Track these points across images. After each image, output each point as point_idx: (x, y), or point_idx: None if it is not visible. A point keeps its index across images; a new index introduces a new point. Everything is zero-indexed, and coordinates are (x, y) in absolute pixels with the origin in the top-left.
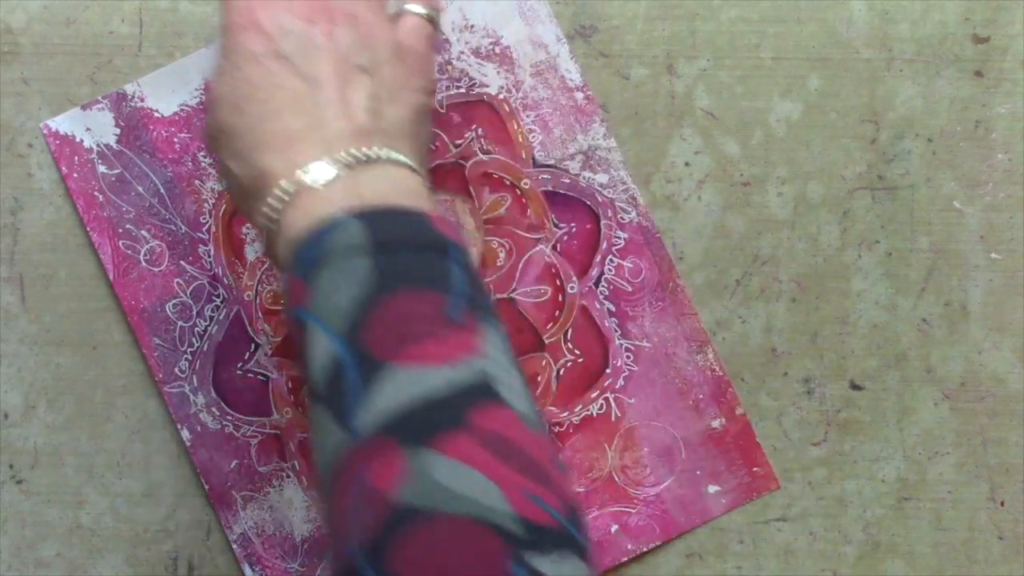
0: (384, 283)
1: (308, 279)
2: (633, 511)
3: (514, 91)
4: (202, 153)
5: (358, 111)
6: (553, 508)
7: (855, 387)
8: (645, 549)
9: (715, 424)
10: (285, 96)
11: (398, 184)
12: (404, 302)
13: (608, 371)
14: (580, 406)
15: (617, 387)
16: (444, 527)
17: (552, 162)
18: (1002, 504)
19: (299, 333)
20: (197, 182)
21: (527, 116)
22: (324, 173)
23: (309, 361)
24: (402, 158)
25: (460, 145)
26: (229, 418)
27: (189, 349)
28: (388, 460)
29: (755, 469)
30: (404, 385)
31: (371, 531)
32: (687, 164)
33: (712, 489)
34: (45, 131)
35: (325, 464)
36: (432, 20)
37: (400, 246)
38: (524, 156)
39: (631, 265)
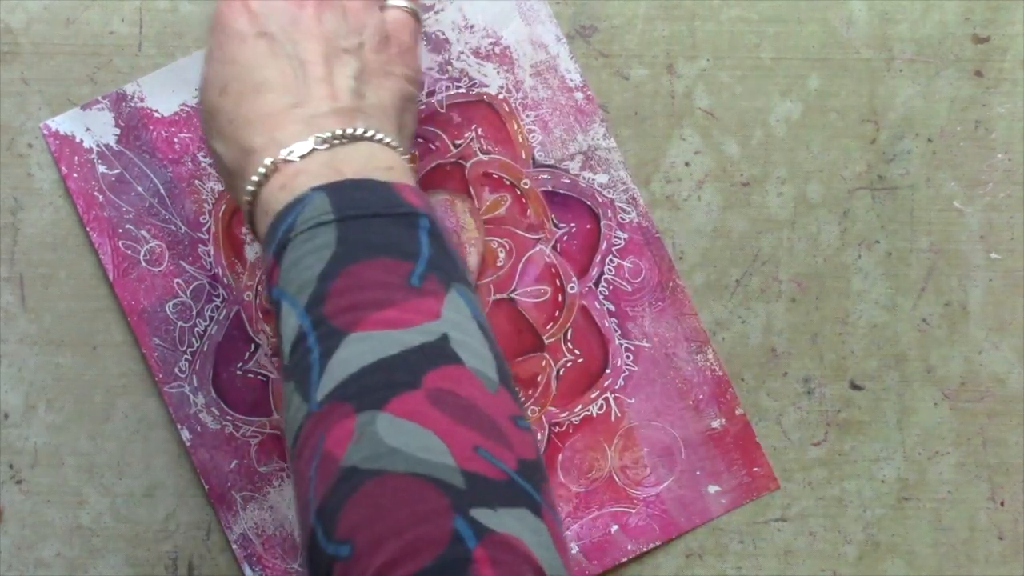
0: (347, 253)
1: (278, 258)
2: (633, 511)
3: (514, 91)
4: (202, 153)
5: (342, 91)
6: (503, 462)
7: (855, 387)
8: (645, 549)
9: (715, 424)
10: (270, 74)
11: (376, 160)
12: (366, 271)
13: (608, 371)
14: (580, 406)
15: (617, 387)
16: (389, 486)
17: (552, 162)
18: (1002, 504)
19: (276, 312)
20: (197, 182)
21: (527, 116)
22: (302, 150)
23: (281, 338)
24: (382, 136)
25: (460, 145)
26: (229, 418)
27: (189, 349)
28: (342, 425)
29: (755, 469)
30: (361, 352)
31: (323, 495)
32: (687, 164)
33: (712, 489)
34: (45, 131)
35: (291, 436)
36: (415, 15)
37: (365, 216)
38: (524, 156)
39: (631, 265)
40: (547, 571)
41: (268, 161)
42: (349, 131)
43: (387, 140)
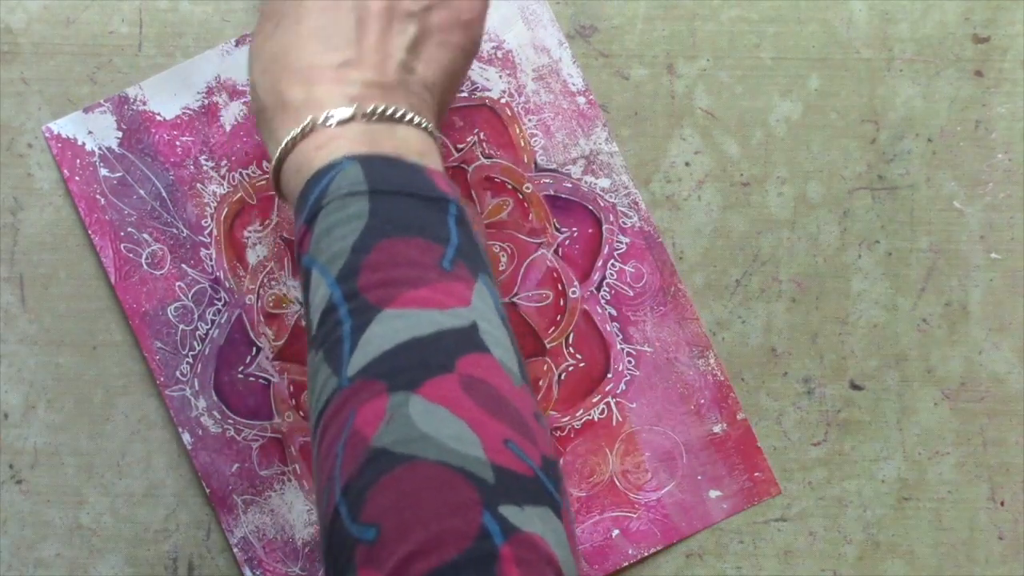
0: (380, 227)
1: (310, 225)
2: (634, 516)
3: (516, 95)
4: (204, 156)
5: (392, 63)
6: (530, 458)
7: (855, 387)
8: (646, 554)
9: (716, 429)
10: (327, 23)
11: (410, 143)
12: (400, 247)
13: (609, 376)
14: (581, 410)
15: (618, 392)
16: (420, 473)
17: (554, 166)
18: (1002, 504)
19: (305, 281)
20: (199, 185)
21: (529, 120)
22: (342, 116)
23: (309, 307)
24: (421, 120)
25: (462, 149)
26: (230, 422)
27: (190, 352)
28: (373, 404)
29: (756, 474)
30: (395, 329)
31: (350, 475)
32: (687, 164)
33: (713, 494)
34: (47, 134)
35: (317, 409)
36: None
37: (398, 193)
38: (526, 160)
39: (633, 270)
40: (564, 571)
41: (308, 119)
42: (391, 111)
43: (425, 125)
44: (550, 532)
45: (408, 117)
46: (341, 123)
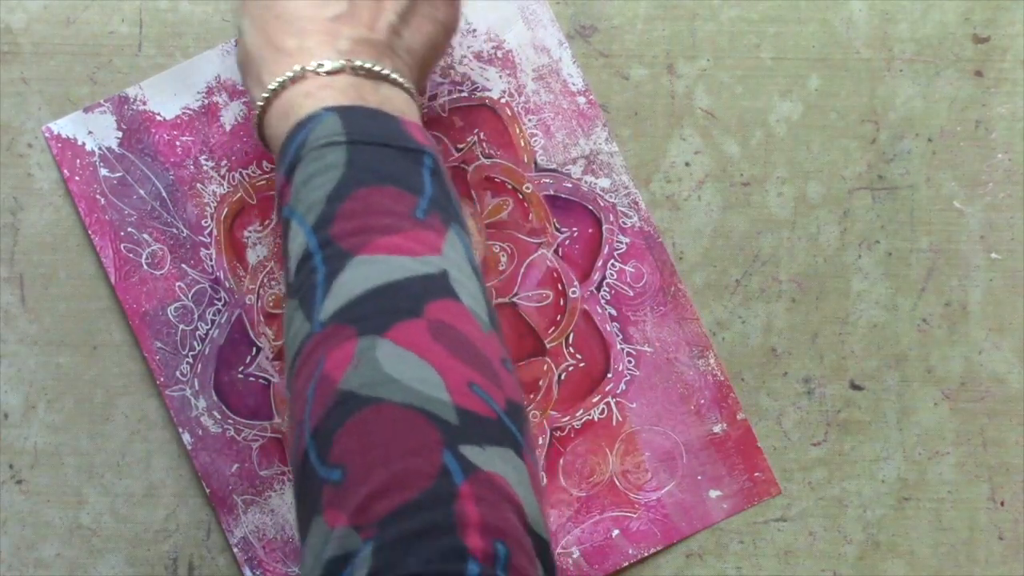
0: (356, 176)
1: (289, 176)
2: (634, 516)
3: (516, 95)
4: (204, 156)
5: (383, 23)
6: (494, 401)
7: (855, 387)
8: (646, 554)
9: (716, 429)
10: None
11: (392, 102)
12: (374, 196)
13: (610, 376)
14: (581, 410)
15: (619, 392)
16: (384, 415)
17: (554, 166)
18: (1002, 504)
19: (284, 231)
20: (199, 185)
21: (529, 120)
22: (331, 68)
23: (288, 257)
24: (404, 82)
25: (462, 149)
26: (230, 422)
27: (190, 353)
28: (343, 348)
29: (756, 474)
30: (366, 275)
31: (319, 417)
32: (687, 164)
33: (713, 494)
34: (47, 134)
35: (291, 355)
36: None
37: (374, 144)
38: (526, 160)
39: (633, 270)
40: (526, 510)
41: (298, 67)
42: (378, 68)
43: (407, 86)
44: (511, 471)
45: (393, 77)
46: (330, 73)
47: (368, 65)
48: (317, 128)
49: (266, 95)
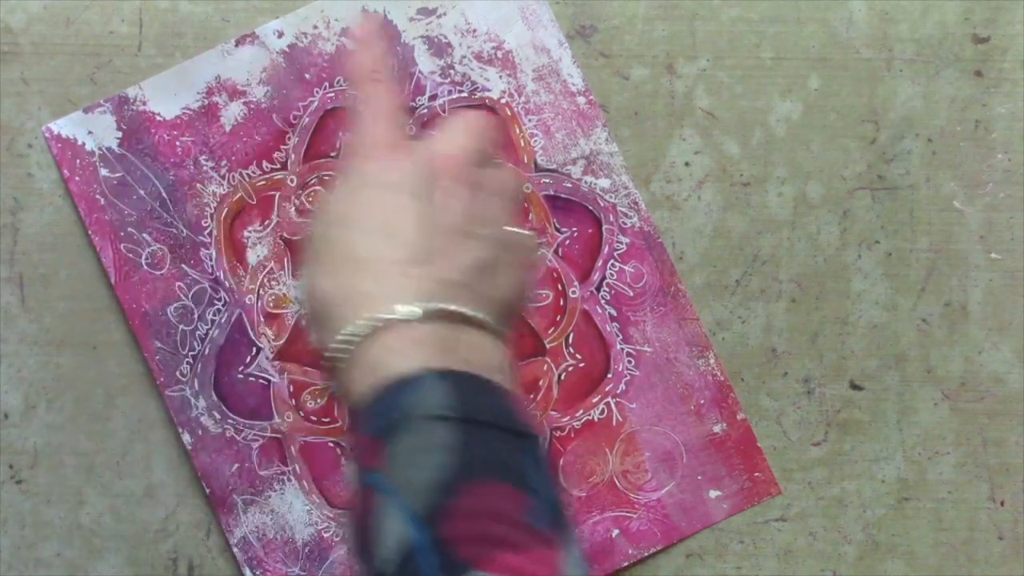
0: (469, 467)
1: (385, 440)
2: (634, 516)
3: (516, 95)
4: (204, 156)
5: (465, 268)
6: None
7: (855, 387)
8: (646, 554)
9: (716, 429)
10: (404, 221)
11: (489, 356)
12: (488, 495)
13: (609, 376)
14: (581, 411)
15: (618, 392)
16: None
17: (554, 166)
18: (1002, 504)
19: (366, 497)
20: (199, 185)
21: (529, 120)
22: (410, 315)
23: (377, 535)
24: (498, 327)
25: None
26: (230, 422)
27: (190, 353)
28: None
29: (756, 474)
30: None
31: None
32: (687, 164)
33: (713, 494)
34: (47, 134)
35: None
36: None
37: (486, 426)
38: (526, 160)
39: (633, 270)
40: None
41: (381, 315)
42: (466, 311)
43: (499, 330)
44: None
45: (479, 319)
46: (410, 322)
47: (453, 308)
48: (421, 393)
49: (344, 344)
